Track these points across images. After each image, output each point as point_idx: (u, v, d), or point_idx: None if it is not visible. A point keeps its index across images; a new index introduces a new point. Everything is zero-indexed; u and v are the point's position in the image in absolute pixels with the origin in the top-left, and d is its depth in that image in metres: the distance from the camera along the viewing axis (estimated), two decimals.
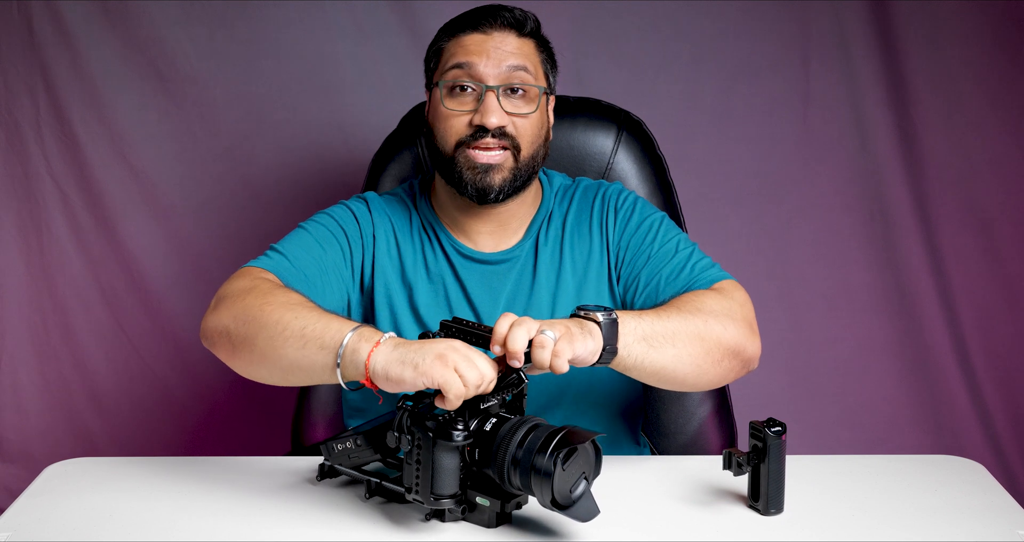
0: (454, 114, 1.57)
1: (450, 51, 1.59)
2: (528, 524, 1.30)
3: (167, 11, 2.44)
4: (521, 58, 1.57)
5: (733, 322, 1.45)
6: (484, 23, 1.58)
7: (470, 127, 1.56)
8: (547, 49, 1.64)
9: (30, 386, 2.61)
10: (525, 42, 1.59)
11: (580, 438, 1.21)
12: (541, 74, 1.61)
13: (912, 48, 2.51)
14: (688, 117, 2.53)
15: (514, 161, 1.57)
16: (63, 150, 2.50)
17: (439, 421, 1.24)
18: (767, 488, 1.32)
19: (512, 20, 1.59)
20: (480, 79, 1.55)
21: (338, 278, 1.60)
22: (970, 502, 1.38)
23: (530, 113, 1.57)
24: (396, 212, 1.69)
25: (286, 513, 1.34)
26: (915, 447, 2.63)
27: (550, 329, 1.26)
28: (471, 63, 1.56)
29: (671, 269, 1.58)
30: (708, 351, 1.41)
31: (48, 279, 2.57)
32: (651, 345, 1.36)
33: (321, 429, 1.85)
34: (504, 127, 1.55)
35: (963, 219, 2.60)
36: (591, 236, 1.66)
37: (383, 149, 1.94)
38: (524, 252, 1.66)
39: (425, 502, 1.25)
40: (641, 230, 1.63)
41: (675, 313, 1.41)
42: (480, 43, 1.57)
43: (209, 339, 1.44)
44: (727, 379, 1.48)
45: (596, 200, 1.68)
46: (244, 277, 1.48)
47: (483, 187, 1.57)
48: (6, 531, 1.30)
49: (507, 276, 1.65)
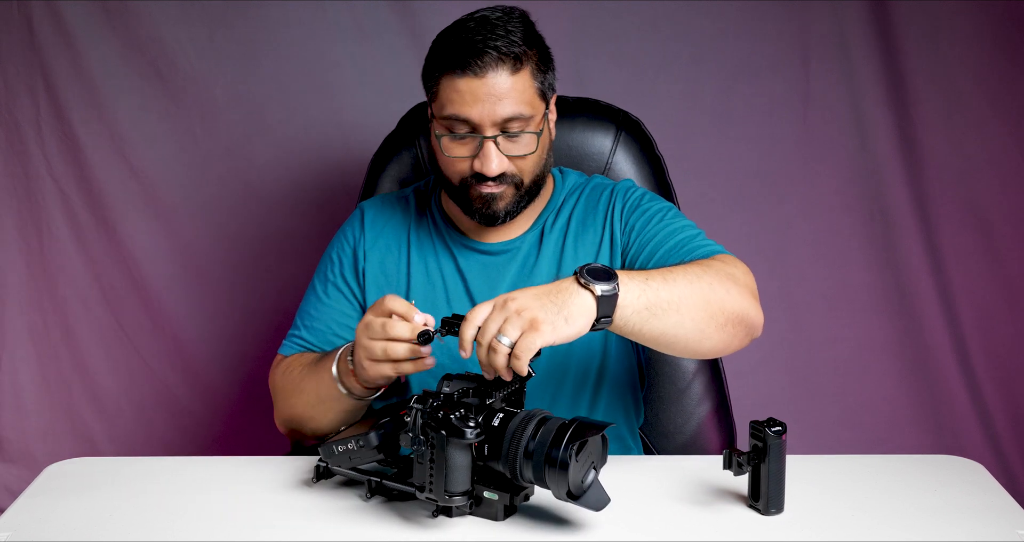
0: (456, 160, 1.57)
1: (445, 95, 1.54)
2: (534, 516, 1.31)
3: (167, 11, 2.44)
4: (516, 102, 1.52)
5: (737, 287, 1.44)
6: (475, 63, 1.50)
7: (472, 169, 1.57)
8: (543, 61, 1.59)
9: (30, 386, 2.61)
10: (520, 77, 1.53)
11: (591, 430, 1.23)
12: (539, 103, 1.57)
13: (912, 48, 2.50)
14: (688, 117, 2.53)
15: (516, 190, 1.59)
16: (63, 150, 2.50)
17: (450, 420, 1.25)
18: (767, 488, 1.32)
19: (504, 54, 1.51)
20: (477, 130, 1.54)
21: (352, 314, 1.70)
22: (970, 502, 1.38)
23: (529, 154, 1.57)
24: (393, 217, 1.73)
25: (288, 513, 1.34)
26: (915, 447, 2.63)
27: (515, 321, 1.25)
28: (467, 115, 1.53)
29: (672, 244, 1.58)
30: (712, 315, 1.39)
31: (48, 279, 2.57)
32: (652, 313, 1.34)
33: None
34: (504, 171, 1.57)
35: (963, 219, 2.60)
36: (597, 228, 1.67)
37: (382, 149, 1.94)
38: (527, 243, 1.67)
39: (439, 500, 1.26)
40: (646, 216, 1.64)
41: (681, 276, 1.39)
42: (474, 90, 1.51)
43: (288, 435, 1.67)
44: (730, 346, 1.46)
45: (604, 194, 1.69)
46: (273, 372, 1.70)
47: (488, 214, 1.60)
48: (6, 531, 1.30)
49: (508, 267, 1.66)
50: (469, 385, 1.30)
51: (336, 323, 1.68)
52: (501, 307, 1.27)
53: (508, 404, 1.32)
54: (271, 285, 2.58)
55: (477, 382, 1.31)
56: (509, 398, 1.32)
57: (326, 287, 1.71)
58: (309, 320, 1.70)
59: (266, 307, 2.58)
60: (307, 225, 2.54)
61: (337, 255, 1.73)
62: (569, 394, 1.65)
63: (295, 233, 2.55)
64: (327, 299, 1.70)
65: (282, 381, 1.64)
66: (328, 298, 1.70)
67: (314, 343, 1.68)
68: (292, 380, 1.62)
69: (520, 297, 1.27)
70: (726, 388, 1.89)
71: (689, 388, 1.86)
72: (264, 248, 2.57)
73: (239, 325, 2.59)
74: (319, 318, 1.69)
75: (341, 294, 1.70)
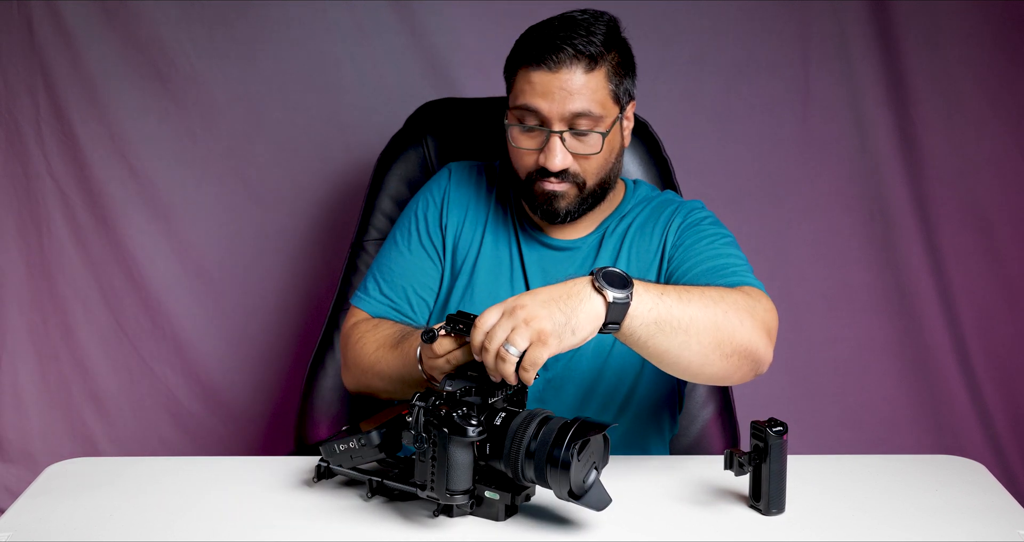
0: (524, 152, 1.60)
1: (519, 86, 1.57)
2: (535, 516, 1.31)
3: (167, 11, 2.44)
4: (586, 100, 1.54)
5: (752, 320, 1.43)
6: (551, 58, 1.53)
7: (537, 164, 1.58)
8: (622, 65, 1.60)
9: (30, 386, 2.61)
10: (594, 76, 1.55)
11: (593, 429, 1.23)
12: (611, 106, 1.58)
13: (912, 48, 2.50)
14: (688, 117, 2.53)
15: (578, 191, 1.60)
16: (63, 150, 2.50)
17: (452, 418, 1.25)
18: (768, 488, 1.32)
19: (581, 52, 1.53)
20: (545, 123, 1.56)
21: (433, 273, 1.71)
22: (970, 502, 1.38)
23: (594, 154, 1.58)
24: (479, 185, 1.76)
25: (288, 513, 1.34)
26: (915, 447, 2.63)
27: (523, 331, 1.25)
28: (537, 106, 1.55)
29: (707, 267, 1.58)
30: (719, 343, 1.38)
31: (48, 279, 2.57)
32: (660, 329, 1.33)
33: (324, 428, 1.85)
34: (567, 168, 1.58)
35: (963, 219, 2.60)
36: (655, 239, 1.67)
37: (389, 148, 1.93)
38: (587, 244, 1.69)
39: (441, 499, 1.27)
40: (697, 236, 1.64)
41: (697, 298, 1.38)
42: (546, 83, 1.54)
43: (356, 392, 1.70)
44: (732, 377, 1.45)
45: (669, 209, 1.70)
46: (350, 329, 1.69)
47: (550, 211, 1.62)
48: (6, 531, 1.30)
49: (567, 264, 1.68)
50: (471, 384, 1.30)
51: (417, 281, 1.69)
52: (510, 314, 1.26)
53: (510, 404, 1.32)
54: (271, 285, 2.58)
55: (479, 382, 1.31)
56: (511, 398, 1.33)
57: (409, 242, 1.71)
58: (389, 274, 1.69)
59: (266, 307, 2.58)
60: (307, 225, 2.53)
61: (423, 211, 1.73)
62: (596, 409, 1.64)
63: (295, 233, 2.55)
64: (409, 254, 1.71)
65: (355, 352, 1.64)
66: (411, 253, 1.71)
67: (392, 299, 1.68)
68: (367, 355, 1.61)
69: (529, 304, 1.27)
70: (730, 391, 1.90)
71: (694, 391, 1.86)
72: (264, 248, 2.57)
73: (239, 325, 2.59)
74: (400, 273, 1.69)
75: (424, 250, 1.71)
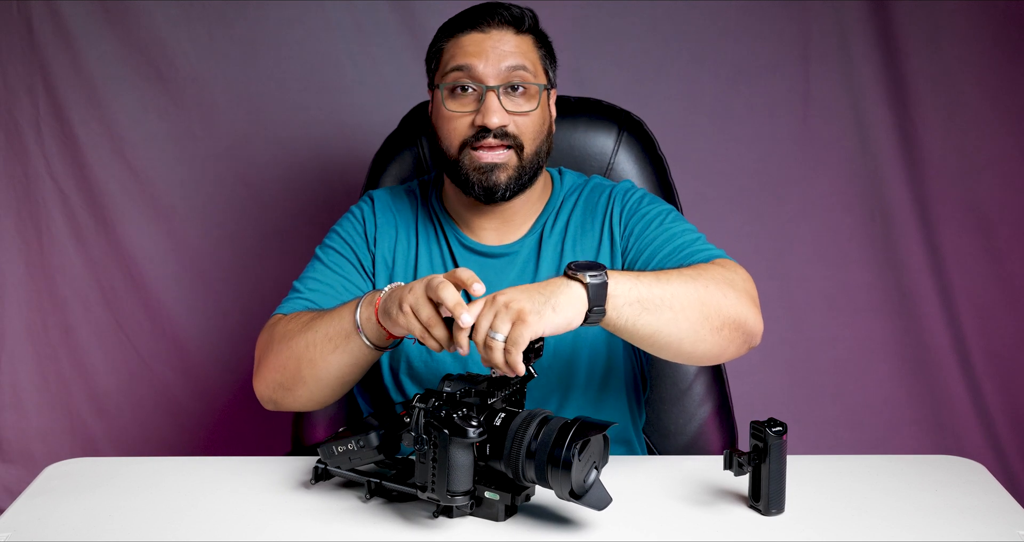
0: (456, 115, 1.58)
1: (449, 52, 1.60)
2: (535, 516, 1.31)
3: (167, 11, 2.44)
4: (519, 56, 1.58)
5: (734, 291, 1.42)
6: (482, 22, 1.59)
7: (472, 127, 1.57)
8: (546, 44, 1.65)
9: (30, 386, 2.61)
10: (523, 39, 1.60)
11: (594, 429, 1.23)
12: (540, 70, 1.62)
13: (912, 48, 2.51)
14: (688, 117, 2.53)
15: (518, 159, 1.59)
16: (63, 150, 2.50)
17: (452, 419, 1.25)
18: (768, 488, 1.32)
19: (509, 17, 1.59)
20: (480, 80, 1.57)
21: (362, 286, 1.67)
22: (970, 502, 1.38)
23: (531, 111, 1.58)
24: (402, 208, 1.73)
25: (287, 513, 1.34)
26: (915, 447, 2.63)
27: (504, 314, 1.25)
28: (470, 64, 1.57)
29: (670, 248, 1.57)
30: (707, 317, 1.38)
31: (48, 279, 2.57)
32: (645, 307, 1.33)
33: (322, 429, 1.85)
34: (506, 126, 1.57)
35: (963, 219, 2.60)
36: (595, 231, 1.66)
37: (384, 149, 1.94)
38: (527, 247, 1.67)
39: (441, 500, 1.27)
40: (645, 220, 1.63)
41: (675, 277, 1.38)
42: (478, 43, 1.58)
43: (269, 399, 1.56)
44: (727, 352, 1.44)
45: (603, 196, 1.68)
46: (267, 330, 1.59)
47: (489, 186, 1.59)
48: (6, 531, 1.30)
49: (508, 270, 1.66)
50: (470, 385, 1.30)
51: (344, 289, 1.64)
52: (491, 303, 1.28)
53: (509, 404, 1.32)
54: (271, 285, 2.57)
55: (478, 382, 1.31)
56: (510, 398, 1.33)
57: (332, 257, 1.68)
58: (314, 285, 1.64)
59: (266, 307, 2.57)
60: (307, 225, 2.54)
61: (346, 231, 1.70)
62: (579, 395, 1.64)
63: (295, 233, 2.55)
64: (335, 267, 1.67)
65: (283, 330, 1.54)
66: (336, 266, 1.67)
67: (314, 301, 1.61)
68: (298, 324, 1.52)
69: (509, 292, 1.29)
70: (728, 389, 1.89)
71: (691, 389, 1.86)
72: (264, 248, 2.57)
73: (239, 325, 2.59)
74: (326, 283, 1.64)
75: (350, 263, 1.67)
